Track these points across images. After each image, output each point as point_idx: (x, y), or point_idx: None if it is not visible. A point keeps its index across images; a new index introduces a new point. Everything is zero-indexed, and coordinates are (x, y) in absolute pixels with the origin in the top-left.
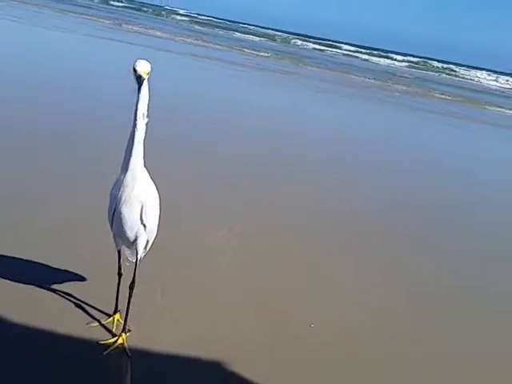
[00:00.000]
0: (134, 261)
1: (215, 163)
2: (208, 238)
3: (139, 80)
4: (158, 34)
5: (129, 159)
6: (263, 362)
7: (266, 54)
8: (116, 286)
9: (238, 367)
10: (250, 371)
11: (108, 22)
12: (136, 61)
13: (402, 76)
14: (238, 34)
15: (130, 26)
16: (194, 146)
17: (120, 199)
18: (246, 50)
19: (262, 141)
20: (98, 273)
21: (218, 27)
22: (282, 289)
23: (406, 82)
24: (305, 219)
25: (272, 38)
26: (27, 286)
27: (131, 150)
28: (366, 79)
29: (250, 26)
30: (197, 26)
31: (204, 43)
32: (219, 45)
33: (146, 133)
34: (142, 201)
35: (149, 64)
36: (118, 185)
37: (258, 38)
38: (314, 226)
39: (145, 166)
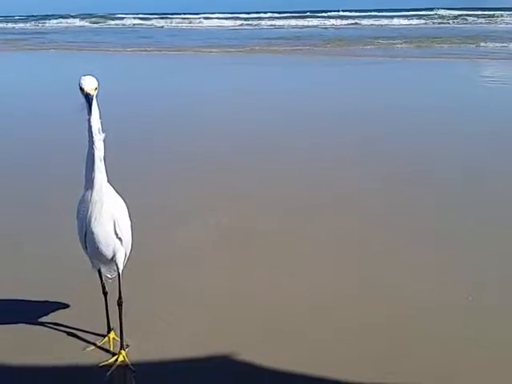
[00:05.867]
0: (114, 276)
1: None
2: (184, 234)
3: (88, 98)
4: None
5: (93, 178)
6: (265, 350)
7: None
8: (104, 305)
9: (242, 358)
10: (254, 361)
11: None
12: (80, 78)
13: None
14: None
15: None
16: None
17: (90, 219)
18: None
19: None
20: (81, 297)
21: None
22: (268, 273)
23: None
24: (279, 207)
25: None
26: (12, 325)
27: (93, 168)
28: None
29: None
30: None
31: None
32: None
33: (105, 148)
34: (114, 216)
35: (94, 79)
36: (85, 204)
37: None
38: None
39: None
